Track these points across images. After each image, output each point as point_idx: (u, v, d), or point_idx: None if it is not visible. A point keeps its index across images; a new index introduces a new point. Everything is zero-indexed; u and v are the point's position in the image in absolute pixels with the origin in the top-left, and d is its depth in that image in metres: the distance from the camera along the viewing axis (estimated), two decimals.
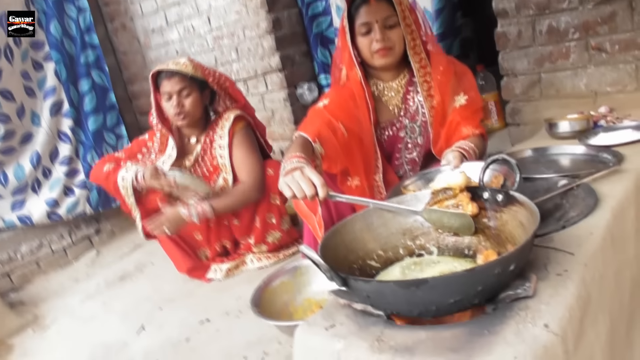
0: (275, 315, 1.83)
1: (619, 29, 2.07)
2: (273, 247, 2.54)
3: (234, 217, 2.49)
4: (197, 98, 2.38)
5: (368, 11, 1.79)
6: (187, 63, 2.36)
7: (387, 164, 1.97)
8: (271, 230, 2.50)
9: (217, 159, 2.47)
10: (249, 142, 2.45)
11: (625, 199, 1.38)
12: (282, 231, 2.53)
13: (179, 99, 2.33)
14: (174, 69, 2.32)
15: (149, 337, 2.10)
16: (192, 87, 2.35)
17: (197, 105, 2.39)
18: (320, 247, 1.09)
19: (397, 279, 1.12)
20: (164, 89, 2.33)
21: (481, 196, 1.19)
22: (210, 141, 2.48)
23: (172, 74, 2.31)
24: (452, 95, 1.86)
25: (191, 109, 2.36)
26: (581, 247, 1.14)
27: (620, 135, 1.80)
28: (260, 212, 2.46)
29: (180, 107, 2.33)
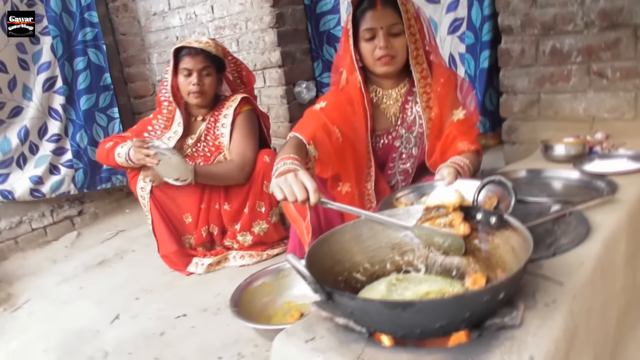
0: (254, 317, 1.80)
1: (622, 57, 2.06)
2: (257, 239, 2.51)
3: (225, 201, 2.48)
4: (214, 79, 2.45)
5: (373, 17, 1.76)
6: (210, 42, 2.42)
7: (380, 173, 1.95)
8: (258, 219, 2.48)
9: (219, 137, 2.49)
10: (249, 125, 2.49)
11: (617, 230, 1.37)
12: (269, 223, 2.50)
13: (200, 77, 2.37)
14: (199, 47, 2.37)
15: (122, 327, 2.06)
16: (212, 68, 2.41)
17: (213, 86, 2.46)
18: (306, 255, 1.06)
19: (382, 295, 1.10)
20: (185, 65, 2.37)
21: (474, 217, 1.17)
22: (215, 120, 2.50)
23: (197, 52, 2.36)
24: (451, 109, 1.84)
25: (208, 89, 2.42)
26: (571, 277, 1.12)
27: (616, 164, 1.79)
28: (250, 198, 2.44)
29: (200, 85, 2.37)
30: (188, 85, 2.39)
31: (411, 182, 1.97)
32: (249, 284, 1.91)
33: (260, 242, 2.53)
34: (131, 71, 3.96)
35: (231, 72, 2.58)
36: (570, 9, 2.11)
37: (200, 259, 2.48)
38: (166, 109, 2.50)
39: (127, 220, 3.48)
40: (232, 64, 2.55)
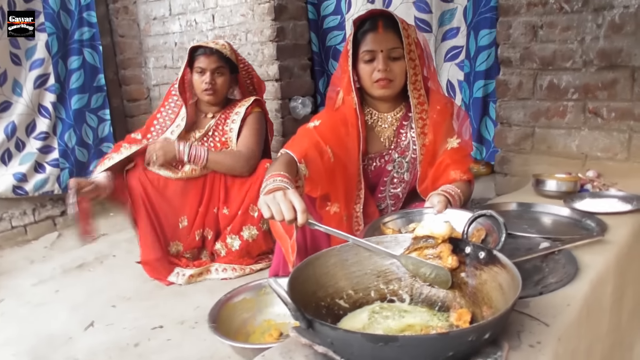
0: (232, 333, 1.76)
1: (618, 97, 2.07)
2: (245, 247, 2.48)
3: (225, 205, 2.49)
4: (227, 80, 2.54)
5: (374, 39, 1.75)
6: (225, 45, 2.55)
7: (370, 196, 1.93)
8: (250, 223, 2.47)
9: (227, 133, 2.54)
10: (259, 125, 2.57)
11: (605, 272, 1.36)
12: (259, 230, 2.48)
13: (213, 77, 2.47)
14: (214, 47, 2.48)
15: (96, 335, 2.01)
16: (226, 68, 2.52)
17: (225, 86, 2.55)
18: (289, 278, 1.03)
19: (364, 324, 1.07)
20: (200, 64, 2.48)
21: (463, 250, 1.15)
22: (225, 117, 2.58)
23: (212, 52, 2.47)
24: (445, 137, 1.83)
25: (220, 88, 2.51)
26: (556, 319, 1.10)
27: (607, 204, 1.79)
28: (246, 201, 2.44)
29: (212, 84, 2.47)
30: (201, 83, 2.48)
31: (401, 207, 1.96)
32: (229, 299, 1.87)
33: (246, 251, 2.49)
34: (127, 74, 3.92)
35: (243, 77, 2.65)
36: (570, 46, 2.12)
37: (182, 269, 2.43)
38: (174, 102, 2.58)
39: (110, 224, 3.41)
40: (244, 71, 2.63)
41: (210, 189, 2.49)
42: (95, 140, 3.55)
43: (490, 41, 2.62)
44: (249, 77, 2.68)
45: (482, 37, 2.64)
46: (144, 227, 2.45)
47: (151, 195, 2.42)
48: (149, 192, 2.42)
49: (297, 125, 3.18)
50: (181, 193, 2.47)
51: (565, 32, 2.12)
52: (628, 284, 1.55)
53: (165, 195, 2.45)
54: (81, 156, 3.46)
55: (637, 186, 1.91)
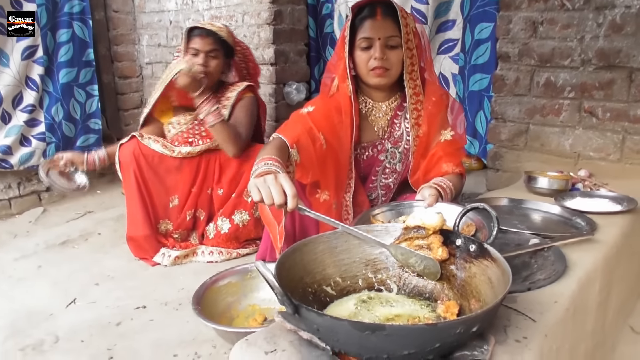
0: (216, 317, 1.74)
1: (614, 98, 2.07)
2: (234, 231, 2.46)
3: (218, 186, 2.48)
4: (221, 63, 2.49)
5: (372, 26, 1.72)
6: (222, 27, 2.50)
7: (361, 185, 1.91)
8: (242, 208, 2.46)
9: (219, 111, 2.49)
10: (250, 109, 2.53)
11: (593, 271, 1.36)
12: (251, 216, 2.46)
13: (206, 58, 2.42)
14: (210, 29, 2.44)
15: (77, 313, 1.98)
16: (220, 51, 2.46)
17: (218, 70, 2.50)
18: (277, 263, 1.01)
19: (350, 312, 1.06)
20: (194, 45, 2.43)
21: (454, 242, 1.14)
22: (217, 101, 2.50)
23: (207, 34, 2.42)
24: (439, 129, 1.82)
25: (213, 70, 2.46)
26: (543, 315, 1.10)
27: (597, 204, 1.79)
28: (242, 184, 2.43)
29: (205, 66, 2.42)
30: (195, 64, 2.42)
31: (392, 198, 1.94)
32: (214, 282, 1.85)
33: (235, 235, 2.47)
34: (119, 50, 3.85)
35: (239, 62, 2.61)
36: (569, 44, 2.11)
37: (168, 250, 2.41)
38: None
39: (98, 201, 3.37)
40: (240, 54, 2.59)
41: (205, 170, 2.46)
42: (82, 115, 3.47)
43: (488, 35, 2.60)
44: (245, 62, 2.64)
45: (480, 30, 2.62)
46: (133, 202, 2.41)
47: (144, 170, 2.38)
48: (142, 167, 2.38)
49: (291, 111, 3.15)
50: (175, 171, 2.44)
51: (565, 30, 2.11)
52: (614, 285, 1.55)
53: (159, 173, 2.41)
54: (68, 131, 3.39)
55: (628, 187, 1.92)
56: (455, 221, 1.20)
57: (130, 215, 2.44)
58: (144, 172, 2.39)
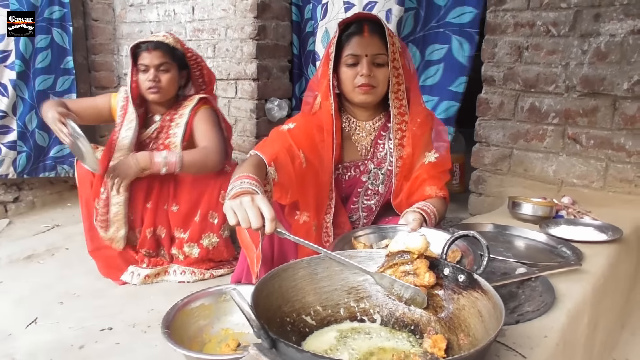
0: (186, 341, 1.64)
1: (598, 125, 2.06)
2: (205, 254, 2.34)
3: (174, 202, 2.33)
4: (174, 76, 2.34)
5: (360, 43, 1.68)
6: (167, 35, 2.35)
7: (342, 206, 1.85)
8: (209, 231, 2.33)
9: (170, 137, 2.36)
10: (211, 120, 2.38)
11: (581, 303, 1.32)
12: (220, 237, 2.35)
13: (156, 73, 2.28)
14: (155, 40, 2.29)
15: (38, 334, 1.87)
16: (171, 64, 2.31)
17: (173, 83, 2.34)
18: (254, 291, 0.94)
19: (331, 345, 1.00)
20: (142, 61, 2.28)
21: (441, 271, 1.08)
22: (170, 120, 2.39)
23: (154, 48, 2.27)
24: (423, 150, 1.77)
25: (166, 85, 2.31)
26: (534, 351, 1.05)
27: (582, 232, 1.76)
28: (203, 206, 2.30)
29: (155, 82, 2.28)
30: (145, 81, 2.29)
31: (374, 220, 1.88)
32: (186, 304, 1.75)
33: (207, 257, 2.37)
34: (97, 59, 3.76)
35: (194, 71, 2.45)
36: (554, 70, 2.10)
37: (137, 268, 2.30)
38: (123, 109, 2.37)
39: (67, 214, 3.25)
40: (192, 61, 2.42)
41: (159, 186, 2.32)
42: None
43: (440, 57, 2.54)
44: (199, 70, 2.46)
45: (432, 52, 2.56)
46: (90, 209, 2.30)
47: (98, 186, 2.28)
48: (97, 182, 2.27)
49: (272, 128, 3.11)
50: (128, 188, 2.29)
51: (550, 56, 2.10)
52: (601, 317, 1.51)
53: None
54: (41, 140, 3.28)
55: (611, 216, 1.90)
56: (442, 249, 1.14)
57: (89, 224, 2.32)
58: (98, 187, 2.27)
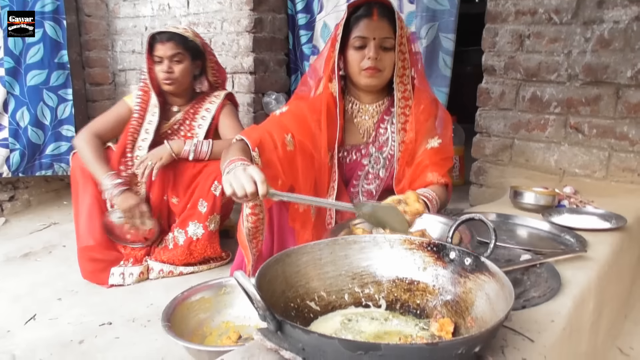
0: (187, 334, 1.63)
1: (601, 114, 2.04)
2: (188, 244, 2.29)
3: (173, 194, 2.34)
4: (187, 66, 2.36)
5: (368, 26, 1.69)
6: (187, 29, 2.39)
7: (344, 188, 1.84)
8: (196, 219, 2.29)
9: (194, 129, 2.40)
10: (236, 115, 2.48)
11: (587, 289, 1.30)
12: (205, 229, 2.29)
13: (170, 64, 2.31)
14: (168, 31, 2.32)
15: (37, 330, 1.84)
16: (185, 55, 2.34)
17: (186, 74, 2.37)
18: (257, 275, 0.92)
19: (335, 330, 0.97)
20: (157, 53, 2.31)
21: (447, 255, 1.06)
22: (194, 112, 2.43)
23: (168, 39, 2.30)
24: (426, 137, 1.77)
25: (180, 76, 2.34)
26: (541, 335, 1.03)
27: (585, 221, 1.75)
28: (197, 193, 2.28)
29: (169, 73, 2.31)
30: (160, 72, 2.33)
31: None
32: (185, 297, 1.74)
33: (189, 250, 2.30)
34: (91, 55, 3.72)
35: (209, 60, 2.48)
36: (556, 59, 2.08)
37: (126, 268, 2.24)
38: (140, 98, 2.39)
39: (64, 212, 3.22)
40: (209, 53, 2.47)
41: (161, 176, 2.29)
42: (53, 121, 3.28)
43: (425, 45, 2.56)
44: (213, 61, 2.51)
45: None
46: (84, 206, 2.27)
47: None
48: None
49: None
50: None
51: (552, 44, 2.08)
52: (605, 305, 1.50)
53: None
54: (35, 138, 3.21)
55: (613, 205, 1.88)
56: (448, 232, 1.13)
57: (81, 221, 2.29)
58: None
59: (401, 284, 1.09)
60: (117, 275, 2.22)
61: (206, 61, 2.46)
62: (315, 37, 3.11)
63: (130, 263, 2.27)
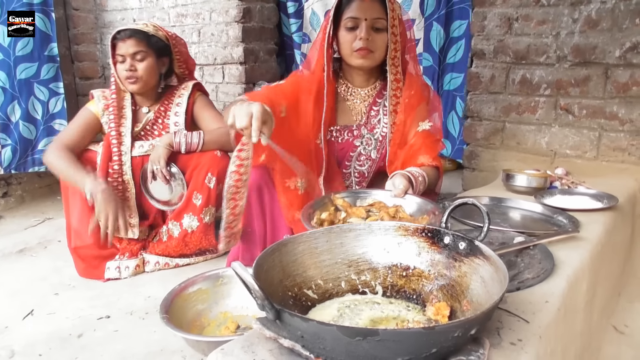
0: (185, 325, 1.64)
1: (590, 95, 2.05)
2: (183, 237, 2.28)
3: None
4: (151, 64, 2.27)
5: (360, 7, 1.70)
6: (147, 23, 2.30)
7: (337, 169, 1.88)
8: (191, 212, 2.28)
9: (169, 127, 2.34)
10: (212, 105, 2.42)
11: (580, 269, 1.32)
12: (200, 221, 2.28)
13: (132, 62, 2.23)
14: (129, 29, 2.24)
15: (35, 325, 1.85)
16: (148, 52, 2.25)
17: (152, 71, 2.28)
18: (254, 265, 0.93)
19: (332, 317, 0.98)
20: (119, 51, 2.23)
21: (441, 240, 1.07)
22: (165, 110, 2.36)
23: (129, 36, 2.21)
24: (417, 120, 1.80)
25: (144, 74, 2.25)
26: (536, 316, 1.05)
27: (578, 201, 1.76)
28: (190, 187, 2.26)
29: (132, 71, 2.23)
30: (122, 71, 2.24)
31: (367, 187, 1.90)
32: (183, 289, 1.75)
33: (184, 242, 2.30)
34: (80, 49, 3.70)
35: (177, 58, 2.40)
36: (544, 40, 2.09)
37: (122, 262, 2.25)
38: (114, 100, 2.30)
39: (58, 207, 3.20)
40: (175, 44, 2.37)
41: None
42: (45, 115, 3.25)
43: (460, 34, 2.58)
44: (180, 52, 2.41)
45: (455, 28, 2.60)
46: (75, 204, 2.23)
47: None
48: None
49: None
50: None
51: (540, 26, 2.09)
52: (599, 284, 1.52)
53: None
54: (27, 132, 3.19)
55: (604, 185, 1.90)
56: (442, 218, 1.14)
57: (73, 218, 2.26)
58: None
59: (397, 270, 1.10)
60: (113, 269, 2.21)
61: (172, 54, 2.39)
62: (305, 25, 3.10)
63: (126, 257, 2.26)
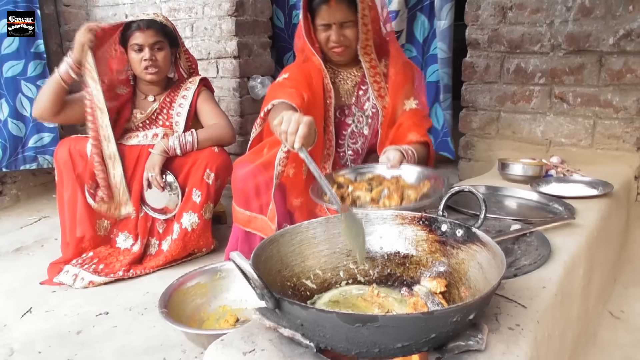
0: (184, 320, 1.64)
1: (585, 83, 2.06)
2: (183, 236, 2.25)
3: None
4: (168, 54, 2.32)
5: (328, 12, 1.75)
6: (158, 13, 2.32)
7: (337, 152, 1.92)
8: (191, 210, 2.25)
9: (172, 117, 2.35)
10: (214, 100, 2.44)
11: (576, 255, 1.33)
12: (201, 218, 2.26)
13: (152, 52, 2.24)
14: (147, 19, 2.24)
15: (34, 323, 1.84)
16: (165, 42, 2.29)
17: (168, 61, 2.33)
18: (252, 256, 0.93)
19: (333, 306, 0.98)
20: (135, 41, 2.23)
21: (439, 228, 1.08)
22: (170, 101, 2.37)
23: (146, 27, 2.22)
24: (403, 99, 1.84)
25: (162, 64, 2.29)
26: (533, 301, 1.06)
27: (573, 189, 1.77)
28: (189, 184, 2.25)
29: (152, 60, 2.24)
30: (140, 61, 2.24)
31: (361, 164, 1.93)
32: (181, 284, 1.75)
33: (184, 242, 2.26)
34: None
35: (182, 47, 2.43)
36: (538, 29, 2.09)
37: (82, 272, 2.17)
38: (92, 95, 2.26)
39: (53, 205, 3.18)
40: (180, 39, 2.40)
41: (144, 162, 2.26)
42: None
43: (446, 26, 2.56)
44: (185, 48, 2.46)
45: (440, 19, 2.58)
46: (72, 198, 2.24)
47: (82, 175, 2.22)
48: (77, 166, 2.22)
49: (256, 106, 3.07)
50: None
51: (534, 15, 2.09)
52: (595, 270, 1.53)
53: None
54: (16, 130, 3.16)
55: (599, 173, 1.91)
56: (440, 206, 1.14)
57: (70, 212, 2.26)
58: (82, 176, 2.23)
59: (395, 258, 1.11)
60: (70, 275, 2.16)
61: (179, 47, 2.41)
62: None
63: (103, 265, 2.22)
